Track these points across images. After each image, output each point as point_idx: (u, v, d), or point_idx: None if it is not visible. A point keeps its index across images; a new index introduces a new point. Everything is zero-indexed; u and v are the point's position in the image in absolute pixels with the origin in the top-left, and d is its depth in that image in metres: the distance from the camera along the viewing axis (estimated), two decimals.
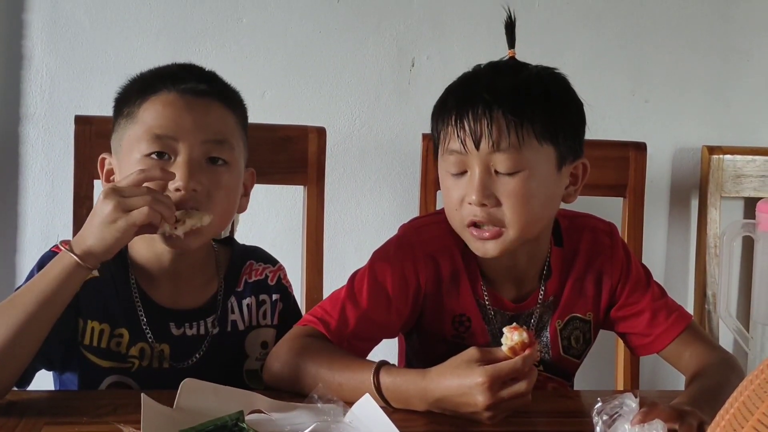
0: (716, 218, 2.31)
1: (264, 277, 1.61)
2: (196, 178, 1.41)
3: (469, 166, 1.42)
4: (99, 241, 1.29)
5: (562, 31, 2.33)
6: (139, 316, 1.48)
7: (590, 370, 2.07)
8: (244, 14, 2.23)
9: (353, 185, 2.29)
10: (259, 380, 1.53)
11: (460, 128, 1.41)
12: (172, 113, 1.43)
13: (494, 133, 1.39)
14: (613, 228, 1.62)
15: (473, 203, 1.41)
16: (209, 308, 1.54)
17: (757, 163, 2.33)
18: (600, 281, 1.58)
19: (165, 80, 1.46)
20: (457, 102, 1.44)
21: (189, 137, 1.42)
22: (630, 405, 1.13)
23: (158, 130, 1.42)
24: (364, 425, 1.19)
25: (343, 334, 1.46)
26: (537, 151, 1.41)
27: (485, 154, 1.40)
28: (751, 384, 0.82)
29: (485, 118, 1.39)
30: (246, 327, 1.57)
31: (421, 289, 1.52)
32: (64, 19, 2.17)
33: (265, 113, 2.15)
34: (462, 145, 1.41)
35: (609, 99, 2.35)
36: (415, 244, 1.53)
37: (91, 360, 1.46)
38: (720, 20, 2.39)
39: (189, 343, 1.51)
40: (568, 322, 1.57)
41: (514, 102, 1.40)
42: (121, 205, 1.27)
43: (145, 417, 1.16)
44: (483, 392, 1.25)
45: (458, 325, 1.54)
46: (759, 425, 0.75)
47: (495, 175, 1.41)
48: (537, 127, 1.41)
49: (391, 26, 2.28)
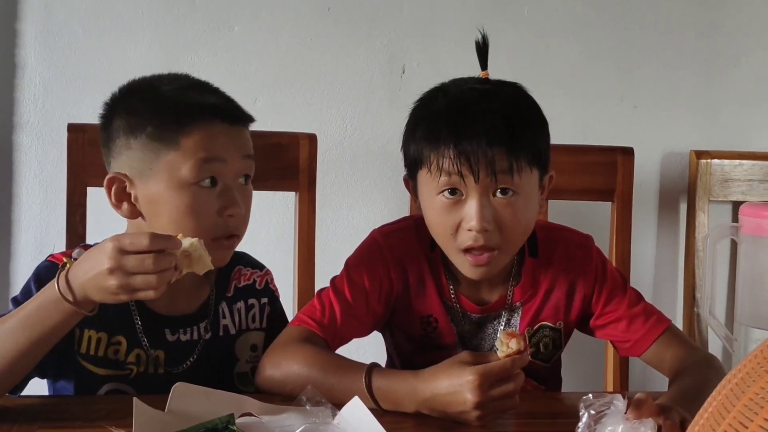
0: (704, 222, 2.33)
1: (252, 281, 1.64)
2: (240, 203, 1.46)
3: (465, 190, 1.45)
4: (100, 298, 1.27)
5: (551, 37, 2.35)
6: (136, 323, 1.49)
7: (580, 371, 2.09)
8: (236, 23, 2.25)
9: (344, 191, 2.31)
10: (250, 383, 1.55)
11: (458, 161, 1.43)
12: (221, 140, 1.45)
13: (493, 163, 1.42)
14: (589, 240, 1.65)
15: (474, 229, 1.44)
16: (202, 314, 1.56)
17: (745, 167, 2.35)
18: (573, 292, 1.60)
19: (210, 109, 1.46)
20: (450, 130, 1.45)
21: (234, 161, 1.46)
22: (618, 406, 1.14)
23: (210, 155, 1.43)
24: (353, 427, 1.20)
25: (334, 331, 1.51)
26: (528, 176, 1.47)
27: (485, 183, 1.44)
28: (729, 383, 0.83)
29: (482, 151, 1.42)
30: (236, 331, 1.59)
31: (393, 288, 1.57)
32: (57, 28, 2.18)
33: (257, 120, 2.17)
34: (459, 175, 1.43)
35: (598, 104, 2.37)
36: (384, 248, 1.58)
37: (87, 368, 1.47)
38: (707, 26, 2.40)
39: (183, 348, 1.53)
40: (538, 330, 1.60)
41: (509, 137, 1.44)
42: (125, 287, 1.25)
43: (137, 421, 1.18)
44: (472, 390, 1.27)
45: (426, 326, 1.59)
46: (735, 422, 0.77)
47: (492, 199, 1.45)
48: (527, 155, 1.46)
49: (381, 34, 2.29)
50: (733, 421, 0.77)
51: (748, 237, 1.77)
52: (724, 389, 0.83)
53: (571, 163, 2.14)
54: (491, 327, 1.59)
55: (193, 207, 1.42)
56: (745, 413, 0.76)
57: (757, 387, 0.77)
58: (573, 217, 1.69)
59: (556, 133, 2.30)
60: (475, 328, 1.59)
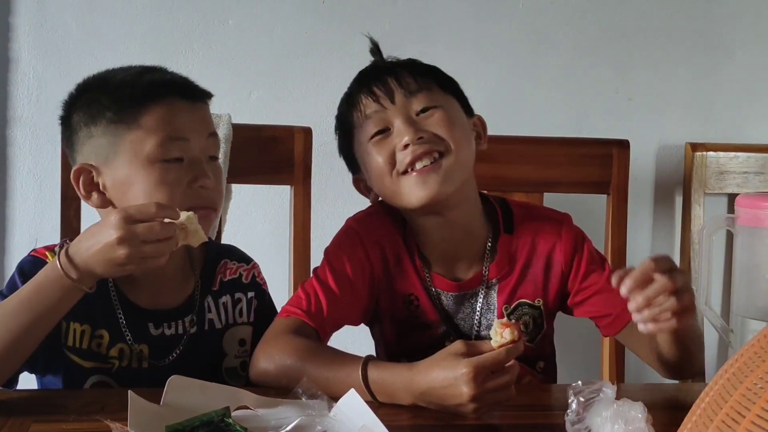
0: (700, 215, 2.33)
1: (238, 275, 1.63)
2: (210, 174, 1.46)
3: (390, 121, 1.52)
4: (104, 271, 1.29)
5: (546, 29, 2.35)
6: (119, 317, 1.49)
7: (576, 363, 2.09)
8: (230, 16, 2.25)
9: (339, 185, 2.29)
10: (239, 377, 1.55)
11: (372, 93, 1.54)
12: (182, 117, 1.45)
13: (403, 83, 1.53)
14: (566, 217, 1.66)
15: (410, 143, 1.49)
16: (186, 308, 1.55)
17: (740, 159, 2.35)
18: (549, 267, 1.61)
19: (167, 85, 1.47)
20: (359, 83, 1.58)
21: (198, 139, 1.46)
22: (607, 393, 1.15)
23: (174, 133, 1.43)
24: (350, 419, 1.20)
25: (322, 319, 1.52)
26: (444, 96, 1.56)
27: (402, 102, 1.53)
28: (726, 372, 0.83)
29: (390, 77, 1.54)
30: (223, 326, 1.58)
31: (375, 272, 1.59)
32: (51, 22, 2.18)
33: (251, 114, 2.17)
34: (378, 104, 1.53)
35: (593, 97, 2.37)
36: (361, 232, 1.60)
37: (74, 361, 1.47)
38: (702, 18, 2.41)
39: (167, 342, 1.52)
40: (516, 307, 1.60)
41: (409, 64, 1.58)
42: (134, 255, 1.27)
43: (132, 414, 1.17)
44: (467, 383, 1.26)
45: (408, 305, 1.60)
46: (733, 412, 0.77)
47: (417, 118, 1.52)
48: (435, 78, 1.57)
49: (375, 27, 2.27)
50: (731, 410, 0.77)
51: (745, 228, 1.77)
52: (721, 379, 0.83)
53: (567, 155, 2.14)
54: (469, 305, 1.60)
55: (162, 181, 1.42)
56: (742, 402, 0.76)
57: (755, 377, 0.77)
58: (568, 209, 1.69)
59: (551, 125, 2.32)
60: (453, 306, 1.60)
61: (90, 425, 1.22)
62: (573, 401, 1.17)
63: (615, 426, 1.13)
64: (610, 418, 1.14)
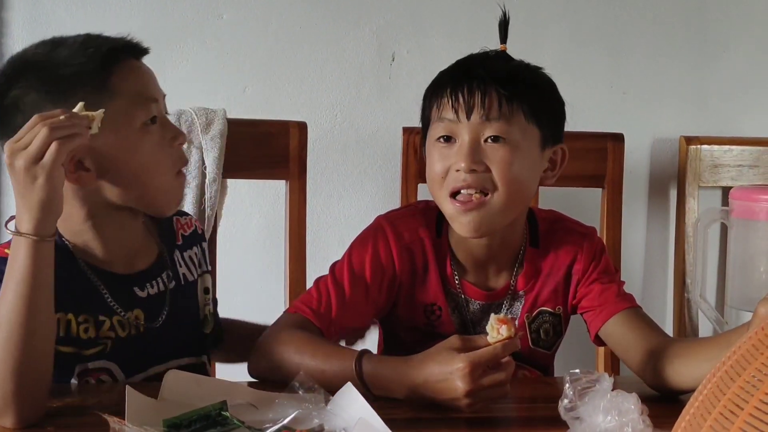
0: (694, 208, 2.33)
1: (194, 228, 1.64)
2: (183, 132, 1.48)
3: (458, 134, 1.48)
4: (37, 206, 1.21)
5: (541, 23, 2.35)
6: (102, 293, 1.45)
7: (571, 359, 2.08)
8: (224, 10, 2.24)
9: (335, 179, 2.30)
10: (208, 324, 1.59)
11: (455, 100, 1.47)
12: (145, 78, 1.45)
13: (486, 104, 1.46)
14: (591, 231, 1.64)
15: (462, 170, 1.45)
16: (160, 266, 1.54)
17: (734, 152, 2.36)
18: (569, 277, 1.59)
19: (123, 50, 1.43)
20: (452, 77, 1.50)
21: (161, 98, 1.46)
22: (603, 384, 1.15)
23: (147, 94, 1.43)
24: (346, 412, 1.20)
25: (330, 321, 1.50)
26: (524, 128, 1.48)
27: (476, 124, 1.46)
28: (723, 365, 0.83)
29: (479, 90, 1.46)
30: (194, 278, 1.60)
31: (397, 278, 1.55)
32: (45, 16, 2.17)
33: (246, 108, 2.17)
34: (455, 114, 1.47)
35: (587, 91, 2.37)
36: (390, 235, 1.56)
37: (61, 351, 1.39)
38: (696, 12, 2.41)
39: (156, 301, 1.51)
40: (537, 315, 1.59)
41: (507, 81, 1.48)
42: (28, 158, 1.19)
43: (130, 408, 1.17)
44: (462, 378, 1.27)
45: (429, 314, 1.57)
46: (731, 404, 0.77)
47: (483, 144, 1.47)
48: (525, 106, 1.48)
49: (371, 21, 2.29)
50: (729, 402, 0.77)
51: (739, 221, 1.78)
52: (718, 372, 0.83)
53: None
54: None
55: (151, 142, 1.40)
56: (740, 395, 0.76)
57: (753, 369, 0.77)
58: (563, 203, 1.69)
59: None
60: (478, 315, 1.58)
61: (87, 419, 1.22)
62: (569, 389, 1.17)
63: (608, 417, 1.14)
64: (604, 409, 1.14)
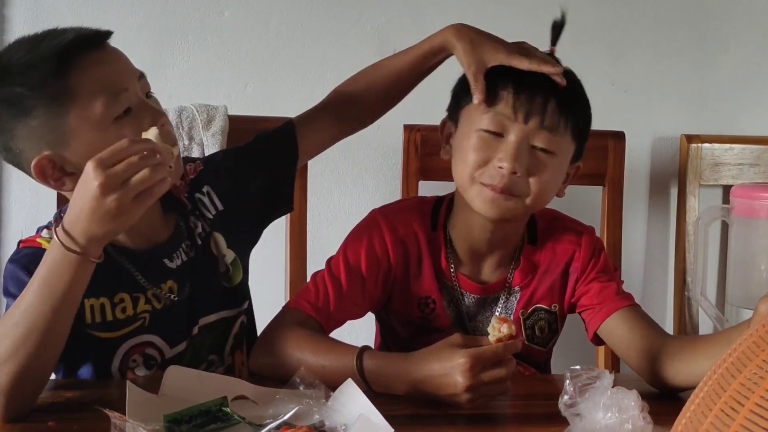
0: (695, 206, 2.34)
1: (201, 168, 1.59)
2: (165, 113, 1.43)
3: (509, 132, 1.47)
4: (104, 230, 1.20)
5: (541, 21, 2.34)
6: (134, 274, 1.44)
7: (571, 358, 2.08)
8: (226, 7, 2.24)
9: (335, 177, 2.30)
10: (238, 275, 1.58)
11: (516, 98, 1.47)
12: (109, 68, 1.38)
13: (546, 113, 1.46)
14: (590, 229, 1.65)
15: (505, 168, 1.45)
16: (180, 234, 1.51)
17: (735, 151, 2.36)
18: (567, 275, 1.60)
19: (76, 46, 1.36)
20: (521, 75, 1.49)
21: (133, 83, 1.39)
22: (604, 381, 1.15)
23: (113, 86, 1.36)
24: (347, 408, 1.21)
25: (328, 314, 1.51)
26: (568, 145, 1.51)
27: (531, 129, 1.46)
28: (724, 362, 0.83)
29: (541, 96, 1.47)
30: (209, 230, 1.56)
31: (392, 270, 1.57)
32: (46, 13, 2.17)
33: (247, 106, 2.17)
34: (513, 112, 1.47)
35: (588, 89, 2.32)
36: (384, 228, 1.57)
37: (101, 337, 1.42)
38: (697, 11, 2.41)
39: (185, 270, 1.50)
40: (532, 312, 1.60)
41: (567, 97, 1.49)
42: (125, 198, 1.18)
43: (131, 404, 1.18)
44: (463, 373, 1.27)
45: (424, 307, 1.58)
46: (731, 401, 0.77)
47: (531, 150, 1.47)
48: (573, 125, 1.50)
49: (372, 18, 2.29)
50: (729, 399, 0.77)
51: (740, 218, 1.78)
52: (719, 369, 0.83)
53: None
54: (489, 310, 1.59)
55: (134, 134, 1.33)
56: (741, 392, 0.76)
57: (753, 366, 0.77)
58: (564, 201, 1.68)
59: None
60: (473, 309, 1.59)
61: (88, 415, 1.22)
62: (569, 385, 1.17)
63: (608, 413, 1.14)
64: (604, 406, 1.14)
